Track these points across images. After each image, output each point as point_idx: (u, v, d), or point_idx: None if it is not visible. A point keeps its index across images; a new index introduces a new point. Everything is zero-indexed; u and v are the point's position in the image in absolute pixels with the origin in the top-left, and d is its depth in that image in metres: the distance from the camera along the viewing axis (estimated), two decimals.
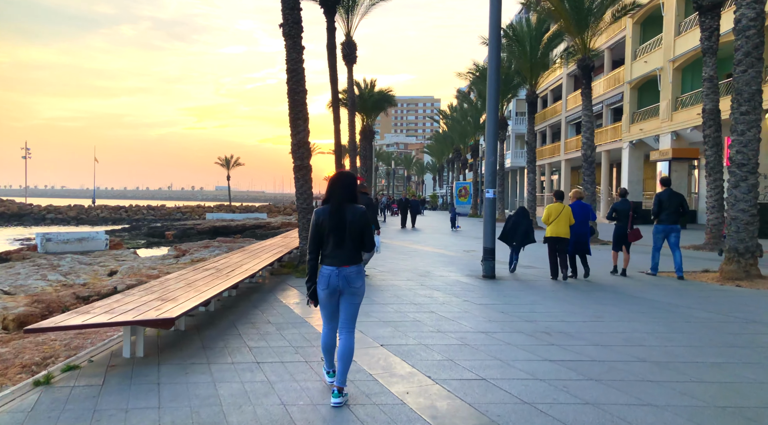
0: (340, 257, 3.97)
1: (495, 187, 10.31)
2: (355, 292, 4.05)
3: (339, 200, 4.03)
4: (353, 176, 4.33)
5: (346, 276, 3.97)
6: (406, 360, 4.94)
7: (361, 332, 5.98)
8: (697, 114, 22.82)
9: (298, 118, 10.94)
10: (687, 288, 8.91)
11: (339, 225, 3.97)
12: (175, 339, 5.72)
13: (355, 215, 4.02)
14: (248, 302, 7.80)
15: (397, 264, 12.09)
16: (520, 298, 8.08)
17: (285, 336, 5.89)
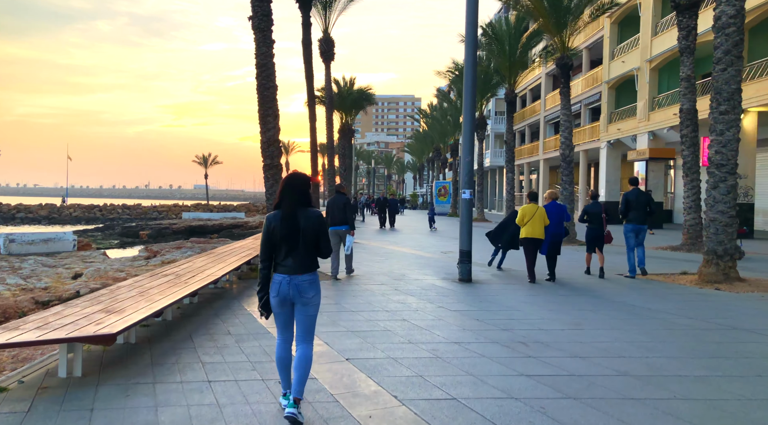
0: (293, 266, 3.74)
1: (472, 187, 10.00)
2: (308, 303, 3.80)
3: (291, 205, 3.78)
4: (306, 177, 3.99)
5: (298, 286, 3.74)
6: (372, 377, 4.56)
7: (327, 344, 5.59)
8: (673, 114, 22.91)
9: (267, 114, 10.50)
10: (666, 292, 8.71)
11: (291, 232, 3.73)
12: (123, 354, 5.25)
13: (309, 220, 3.77)
14: (210, 310, 7.34)
15: (373, 267, 11.71)
16: (497, 303, 7.77)
17: (244, 349, 5.46)
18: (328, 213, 10.09)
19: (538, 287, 9.21)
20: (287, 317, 3.86)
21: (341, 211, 9.96)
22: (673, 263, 12.33)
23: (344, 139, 37.22)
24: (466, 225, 9.90)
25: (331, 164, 28.16)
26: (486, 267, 11.61)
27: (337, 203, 10.01)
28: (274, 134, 10.51)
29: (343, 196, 10.48)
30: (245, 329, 6.29)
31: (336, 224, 10.07)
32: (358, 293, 8.56)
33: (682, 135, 14.65)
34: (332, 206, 10.13)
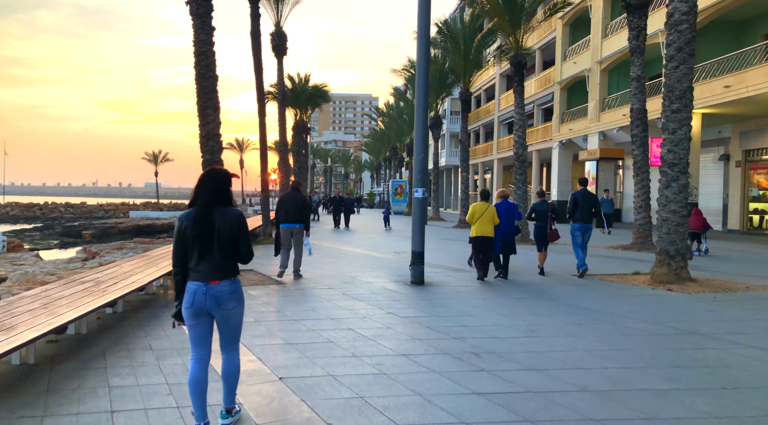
0: (207, 271, 3.36)
1: (426, 186, 9.57)
2: (228, 315, 3.45)
3: (206, 202, 3.42)
4: (225, 173, 3.61)
5: (216, 295, 3.37)
6: (306, 400, 4.01)
7: (260, 360, 5.00)
8: (623, 115, 23.32)
9: (207, 107, 9.75)
10: (620, 293, 8.53)
11: (205, 232, 3.36)
12: (17, 377, 4.50)
13: (226, 219, 3.41)
14: (134, 321, 6.59)
15: (322, 269, 11.13)
16: (449, 308, 7.35)
17: (164, 367, 4.80)
18: (280, 209, 9.62)
19: (492, 289, 8.88)
20: (204, 332, 3.46)
21: (297, 209, 9.52)
22: (625, 262, 12.31)
23: (298, 136, 36.32)
24: (418, 225, 9.46)
25: (284, 162, 27.27)
26: (439, 268, 11.22)
27: (294, 200, 9.55)
28: (214, 127, 9.77)
29: (300, 193, 9.96)
30: (170, 342, 5.61)
31: (290, 222, 9.58)
32: (303, 299, 7.97)
33: (633, 135, 14.75)
34: (286, 202, 9.61)
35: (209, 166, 9.78)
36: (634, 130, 14.69)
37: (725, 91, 16.92)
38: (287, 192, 10.34)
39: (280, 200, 10.03)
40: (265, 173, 18.13)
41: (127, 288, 6.44)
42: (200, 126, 9.75)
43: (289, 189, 10.54)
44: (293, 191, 9.97)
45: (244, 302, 3.57)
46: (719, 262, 12.39)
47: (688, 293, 8.29)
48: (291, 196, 9.72)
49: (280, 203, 9.87)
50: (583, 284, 9.45)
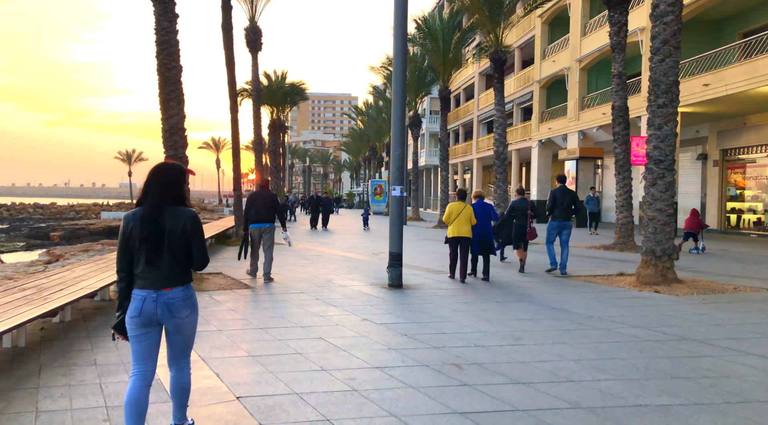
0: (156, 278, 3.06)
1: (403, 184, 9.11)
2: (181, 324, 3.14)
3: (155, 202, 3.09)
4: (177, 168, 3.28)
5: (167, 303, 3.06)
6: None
7: (217, 375, 4.48)
8: (602, 113, 23.22)
9: (170, 99, 9.14)
10: (606, 296, 8.19)
11: (154, 234, 3.04)
12: None
13: (179, 220, 3.08)
14: (82, 331, 5.99)
15: (295, 272, 10.58)
16: (428, 314, 6.90)
17: (106, 386, 4.24)
18: (249, 208, 9.32)
19: (473, 292, 8.46)
20: (150, 344, 3.12)
21: (268, 208, 9.26)
22: (608, 263, 12.03)
23: (275, 135, 35.59)
24: (396, 225, 8.99)
25: (259, 161, 26.57)
26: (418, 270, 10.77)
27: (264, 199, 9.29)
28: (178, 121, 9.17)
29: (269, 191, 9.69)
30: (118, 356, 5.04)
31: (260, 221, 9.27)
32: (272, 305, 7.43)
33: (614, 132, 14.52)
34: (256, 201, 9.29)
35: None
36: (615, 127, 14.46)
37: (704, 89, 16.85)
38: (256, 191, 9.93)
39: (249, 199, 9.63)
40: (237, 171, 17.48)
41: (72, 295, 5.84)
42: (163, 119, 9.13)
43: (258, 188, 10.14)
44: (262, 189, 9.71)
45: (198, 311, 3.26)
46: (702, 261, 12.20)
47: (675, 295, 7.97)
48: (260, 194, 9.50)
49: (249, 203, 9.51)
50: (567, 285, 9.09)
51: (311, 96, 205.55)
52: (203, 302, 7.55)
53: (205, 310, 7.06)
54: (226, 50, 16.93)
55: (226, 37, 16.99)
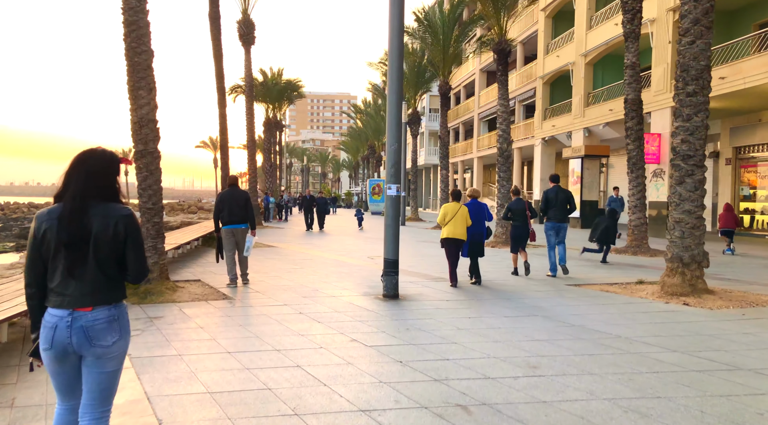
0: (76, 295, 2.44)
1: (400, 182, 8.15)
2: (102, 357, 2.49)
3: (78, 196, 2.48)
4: (108, 155, 2.62)
5: (86, 327, 2.44)
6: None
7: (159, 422, 3.52)
8: (609, 110, 22.28)
9: (139, 87, 8.17)
10: (629, 309, 7.23)
11: (75, 238, 2.45)
12: None
13: (108, 221, 2.50)
14: (13, 357, 5.03)
15: (281, 279, 9.62)
16: (428, 332, 5.94)
17: None
18: (222, 208, 8.70)
19: (478, 304, 7.50)
20: (70, 377, 2.53)
21: (241, 207, 8.71)
22: (624, 269, 11.08)
23: (270, 133, 34.62)
24: (392, 229, 8.03)
25: (252, 159, 25.63)
26: (415, 277, 9.81)
27: (236, 198, 8.74)
28: (148, 111, 8.20)
29: (240, 189, 9.08)
30: (44, 394, 4.08)
31: (234, 223, 8.70)
32: (248, 321, 6.47)
33: (627, 128, 13.57)
34: (227, 201, 8.71)
35: (143, 157, 8.22)
36: (628, 122, 13.51)
37: (720, 82, 15.89)
38: (226, 190, 9.16)
39: (219, 199, 8.85)
40: (226, 168, 16.52)
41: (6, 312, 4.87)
42: (132, 110, 8.17)
43: (228, 186, 9.38)
44: (232, 187, 9.00)
45: (129, 337, 2.60)
46: (724, 267, 11.25)
47: (709, 309, 7.02)
48: (232, 193, 8.82)
49: (220, 203, 8.75)
50: (583, 296, 8.13)
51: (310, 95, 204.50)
52: (170, 317, 6.60)
53: (170, 328, 6.11)
54: (213, 41, 15.99)
55: (213, 27, 16.05)
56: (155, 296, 7.80)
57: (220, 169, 16.56)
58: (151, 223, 8.34)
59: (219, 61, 15.94)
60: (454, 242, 8.71)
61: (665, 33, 18.46)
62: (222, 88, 16.13)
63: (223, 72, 16.14)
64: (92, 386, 2.50)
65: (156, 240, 8.36)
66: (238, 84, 33.30)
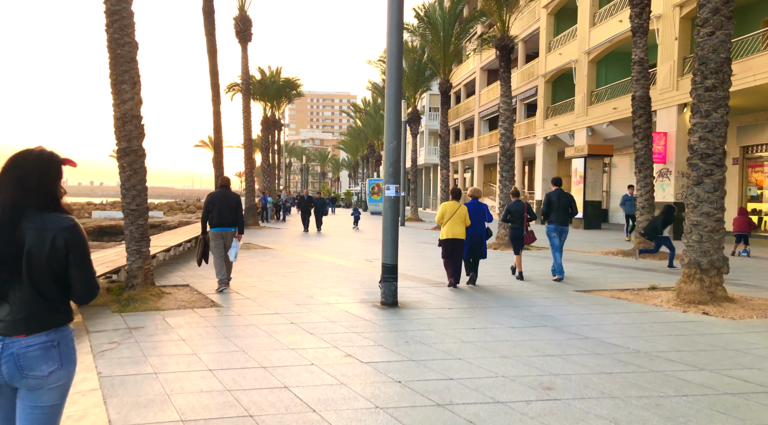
0: (6, 321, 2.10)
1: (399, 182, 7.67)
2: (37, 387, 2.13)
3: (8, 207, 2.12)
4: (47, 157, 2.25)
5: (17, 356, 2.09)
6: None
7: None
8: (613, 108, 21.81)
9: (123, 81, 7.69)
10: (644, 318, 6.75)
11: (3, 256, 2.10)
12: None
13: (46, 233, 2.14)
14: None
15: (274, 284, 9.14)
16: (430, 346, 5.46)
17: None
18: (210, 210, 8.35)
19: (482, 313, 7.02)
20: (7, 410, 2.20)
21: (232, 210, 8.39)
22: (633, 273, 10.60)
23: (268, 132, 34.13)
24: (390, 232, 7.55)
25: (249, 158, 25.15)
26: (416, 282, 9.33)
27: (227, 199, 8.43)
28: (132, 107, 7.71)
29: (231, 191, 8.71)
30: None
31: (224, 225, 8.37)
32: (234, 333, 5.98)
33: (635, 126, 13.09)
34: (217, 202, 8.38)
35: (126, 156, 7.74)
36: (636, 120, 13.02)
37: None
38: (217, 190, 8.79)
39: (209, 200, 8.46)
40: (220, 168, 16.04)
41: None
42: (114, 105, 7.68)
43: (220, 187, 9.02)
44: (223, 188, 8.67)
45: (73, 367, 2.23)
46: (739, 271, 10.76)
47: (731, 319, 6.54)
48: (223, 195, 8.49)
49: (210, 204, 8.38)
50: (594, 303, 7.65)
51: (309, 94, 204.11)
52: (151, 328, 6.12)
53: (149, 340, 5.63)
54: (207, 36, 15.51)
55: (207, 22, 15.57)
56: (138, 303, 7.32)
57: (214, 168, 16.06)
58: (135, 225, 7.86)
59: (213, 57, 15.46)
60: (452, 242, 8.46)
61: (671, 29, 17.99)
62: (216, 85, 15.64)
63: (217, 69, 15.66)
64: (25, 423, 2.15)
65: (140, 244, 7.88)
66: (235, 82, 32.82)
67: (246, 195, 25.11)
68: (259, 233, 21.02)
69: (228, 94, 33.79)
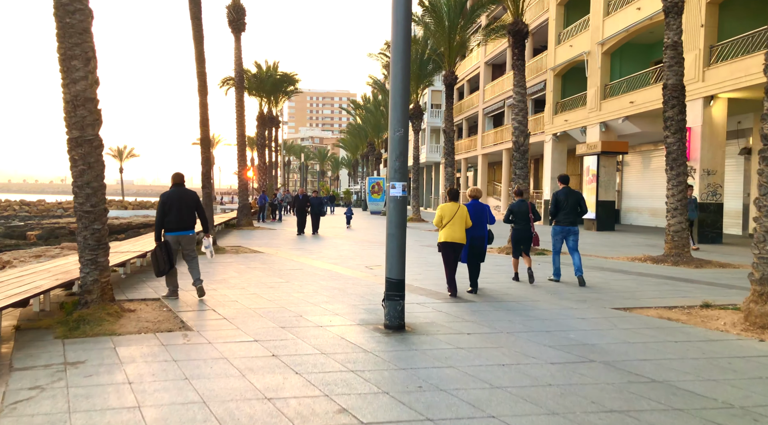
0: None
1: (406, 179, 6.34)
2: None
3: None
4: None
5: None
6: None
7: None
8: (629, 102, 20.48)
9: (72, 56, 6.36)
10: (716, 351, 5.42)
11: None
12: None
13: None
14: None
15: (259, 298, 7.82)
16: (450, 393, 4.13)
17: None
18: (167, 212, 7.34)
19: (508, 339, 5.69)
20: None
21: (191, 210, 7.48)
22: (675, 285, 9.27)
23: (263, 128, 32.79)
24: (396, 240, 6.21)
25: (242, 155, 23.83)
26: (423, 295, 8.00)
27: (185, 199, 7.44)
28: (85, 88, 6.39)
29: (187, 189, 7.65)
30: None
31: (183, 228, 7.48)
32: (197, 371, 4.66)
33: (666, 118, 11.75)
34: (176, 202, 7.40)
35: (79, 147, 6.42)
36: (668, 111, 11.69)
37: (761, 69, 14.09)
38: (171, 189, 7.56)
39: (163, 201, 7.36)
40: (207, 164, 14.71)
41: None
42: (63, 86, 6.35)
43: (181, 186, 7.77)
44: (178, 187, 7.57)
45: None
46: None
47: None
48: (179, 194, 7.44)
49: (165, 205, 7.33)
50: (643, 327, 6.32)
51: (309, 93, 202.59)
52: (93, 364, 4.81)
53: (84, 384, 4.32)
54: (192, 20, 14.18)
55: (192, 5, 14.22)
56: (90, 325, 6.01)
57: (202, 165, 14.74)
58: (90, 230, 6.54)
59: (200, 43, 14.14)
60: (452, 246, 7.87)
61: (697, 15, 16.65)
62: (203, 74, 14.31)
63: (204, 55, 14.33)
64: None
65: (96, 252, 6.56)
66: (229, 76, 31.50)
67: (239, 194, 23.79)
68: (252, 235, 19.70)
69: (222, 89, 32.47)
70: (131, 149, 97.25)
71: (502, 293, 8.33)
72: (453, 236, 7.78)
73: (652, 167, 25.17)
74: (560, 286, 8.90)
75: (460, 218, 7.81)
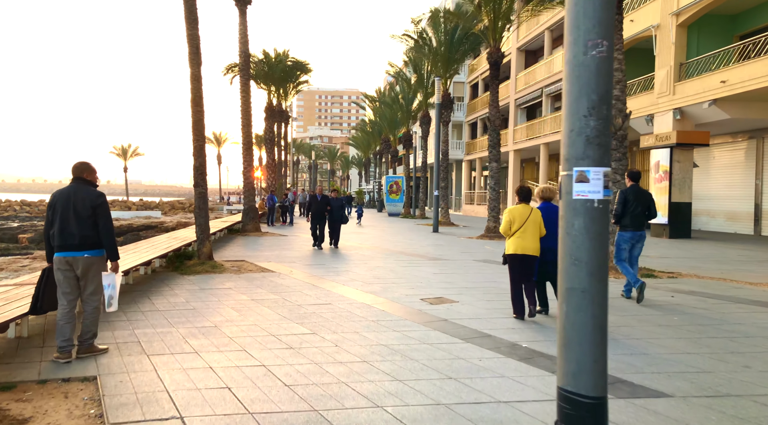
0: None
1: (608, 161, 2.84)
2: None
3: None
4: None
5: None
6: None
7: None
8: (720, 82, 16.79)
9: None
10: None
11: None
12: None
13: None
14: None
15: (268, 377, 4.35)
16: None
17: None
18: (53, 221, 4.85)
19: None
20: None
21: (82, 220, 4.77)
22: None
23: (272, 121, 29.38)
24: (590, 305, 2.70)
25: (248, 150, 20.42)
26: (539, 369, 4.49)
27: (75, 202, 4.80)
28: None
29: (86, 185, 4.96)
30: None
31: (68, 247, 4.76)
32: None
33: None
34: (61, 206, 4.83)
35: None
36: None
37: None
38: (64, 187, 4.98)
39: (50, 203, 4.87)
40: (202, 158, 11.29)
41: None
42: None
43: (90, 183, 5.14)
44: (78, 181, 4.93)
45: None
46: None
47: None
48: (69, 194, 4.83)
49: (50, 208, 4.86)
50: None
51: (318, 91, 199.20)
52: None
53: None
54: None
55: None
56: None
57: (194, 158, 11.31)
58: None
59: (193, 13, 10.71)
60: (524, 260, 6.44)
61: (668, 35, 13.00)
62: (194, 37, 10.90)
63: (196, 13, 10.92)
64: None
65: None
66: (234, 62, 28.13)
67: (245, 194, 20.41)
68: (260, 243, 16.26)
69: (227, 77, 29.11)
70: (136, 148, 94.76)
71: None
72: (524, 246, 6.42)
73: (728, 162, 21.45)
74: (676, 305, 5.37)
75: (533, 224, 6.44)
